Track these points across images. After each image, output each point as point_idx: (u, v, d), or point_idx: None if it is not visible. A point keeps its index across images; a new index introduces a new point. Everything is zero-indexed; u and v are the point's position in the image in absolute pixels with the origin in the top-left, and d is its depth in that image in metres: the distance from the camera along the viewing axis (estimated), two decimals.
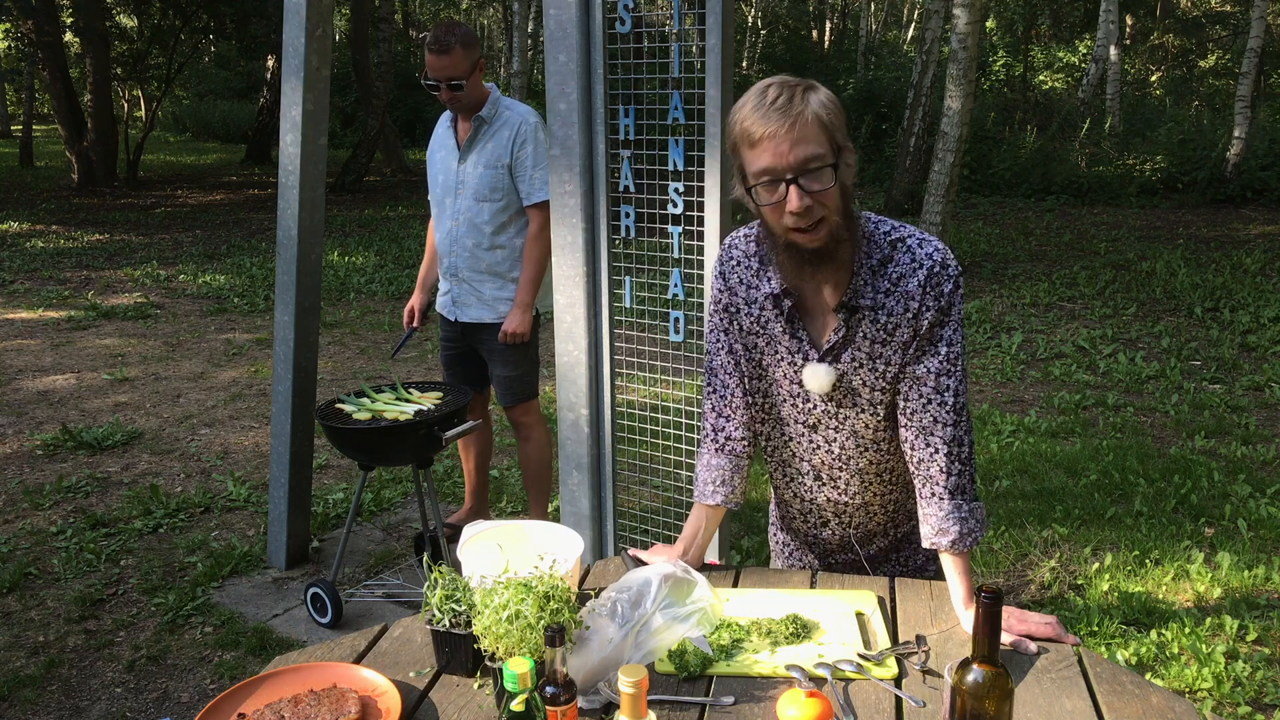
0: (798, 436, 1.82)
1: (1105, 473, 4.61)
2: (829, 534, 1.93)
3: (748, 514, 4.22)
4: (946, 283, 1.66)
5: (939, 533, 1.70)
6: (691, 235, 2.81)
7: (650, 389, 3.36)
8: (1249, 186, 12.87)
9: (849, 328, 1.69)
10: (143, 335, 7.44)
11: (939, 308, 1.66)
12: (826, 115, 1.55)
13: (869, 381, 1.71)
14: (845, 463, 1.81)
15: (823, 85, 1.59)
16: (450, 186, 3.60)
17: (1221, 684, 2.98)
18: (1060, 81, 21.00)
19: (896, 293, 1.66)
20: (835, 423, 1.77)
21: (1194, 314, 7.59)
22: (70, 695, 3.05)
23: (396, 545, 4.04)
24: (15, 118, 29.11)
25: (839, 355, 1.71)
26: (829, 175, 1.55)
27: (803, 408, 1.79)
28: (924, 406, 1.69)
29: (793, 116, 1.52)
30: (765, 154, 1.54)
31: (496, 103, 3.53)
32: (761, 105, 1.54)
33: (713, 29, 2.61)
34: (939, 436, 1.69)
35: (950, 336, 1.68)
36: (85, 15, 14.85)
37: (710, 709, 1.45)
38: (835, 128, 1.56)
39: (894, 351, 1.69)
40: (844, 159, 1.58)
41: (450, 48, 3.37)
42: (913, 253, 1.67)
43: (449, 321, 3.74)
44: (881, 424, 1.76)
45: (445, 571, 1.56)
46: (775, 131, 1.52)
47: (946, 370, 1.68)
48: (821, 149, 1.54)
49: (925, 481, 1.71)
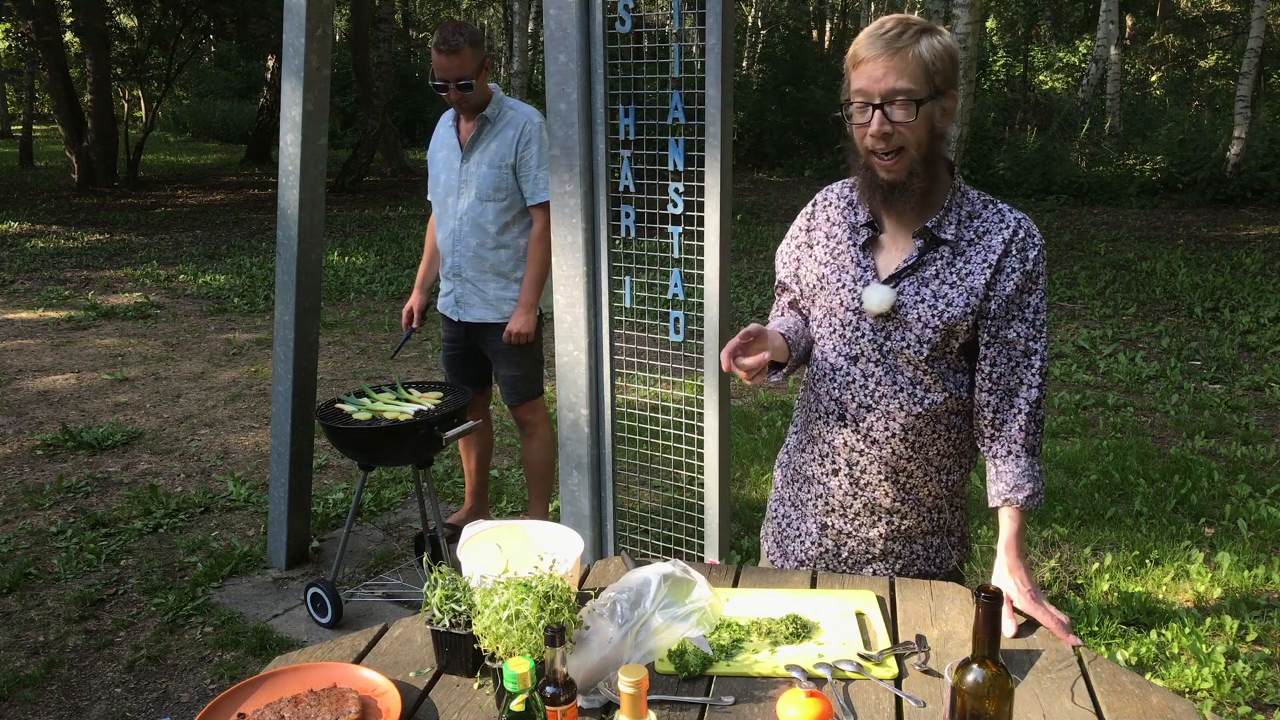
0: (835, 370, 1.84)
1: (1105, 473, 4.61)
2: (836, 485, 1.88)
3: (747, 514, 4.23)
4: (1033, 249, 1.75)
5: (1014, 489, 1.76)
6: (691, 235, 2.81)
7: (650, 389, 3.36)
8: (1249, 186, 12.87)
9: (921, 257, 1.76)
10: (143, 335, 7.44)
11: (1025, 272, 1.74)
12: (930, 56, 1.64)
13: (923, 317, 1.75)
14: (875, 401, 1.81)
15: (946, 32, 1.69)
16: (453, 186, 3.59)
17: (1221, 684, 2.98)
18: (1060, 81, 21.00)
19: (979, 244, 1.75)
20: (878, 355, 1.80)
21: (1194, 314, 7.59)
22: (70, 695, 3.05)
23: (396, 545, 4.04)
24: (15, 118, 29.11)
25: (902, 282, 1.77)
26: (914, 110, 1.65)
27: (850, 336, 1.82)
28: (1012, 370, 1.76)
29: (895, 49, 1.63)
30: (863, 76, 1.66)
31: (501, 102, 3.54)
32: (875, 32, 1.66)
33: (713, 29, 2.61)
34: (1024, 398, 1.76)
35: (1037, 304, 1.76)
36: (85, 15, 14.85)
37: (710, 709, 1.45)
38: (937, 71, 1.65)
39: (959, 294, 1.74)
40: (940, 102, 1.68)
41: (459, 48, 3.37)
42: (1003, 214, 1.77)
43: (451, 322, 3.74)
44: (923, 366, 1.77)
45: (445, 571, 1.56)
46: (875, 57, 1.64)
47: (1033, 335, 1.76)
48: (914, 85, 1.64)
49: (1005, 441, 1.78)
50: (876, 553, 1.91)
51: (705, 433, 2.96)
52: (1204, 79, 21.26)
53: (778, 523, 2.04)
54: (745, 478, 4.64)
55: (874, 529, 1.89)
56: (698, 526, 3.09)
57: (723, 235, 2.77)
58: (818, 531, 1.94)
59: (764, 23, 25.22)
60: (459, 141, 3.59)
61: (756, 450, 4.94)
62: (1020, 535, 1.76)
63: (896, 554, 1.90)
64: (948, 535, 1.91)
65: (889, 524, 1.88)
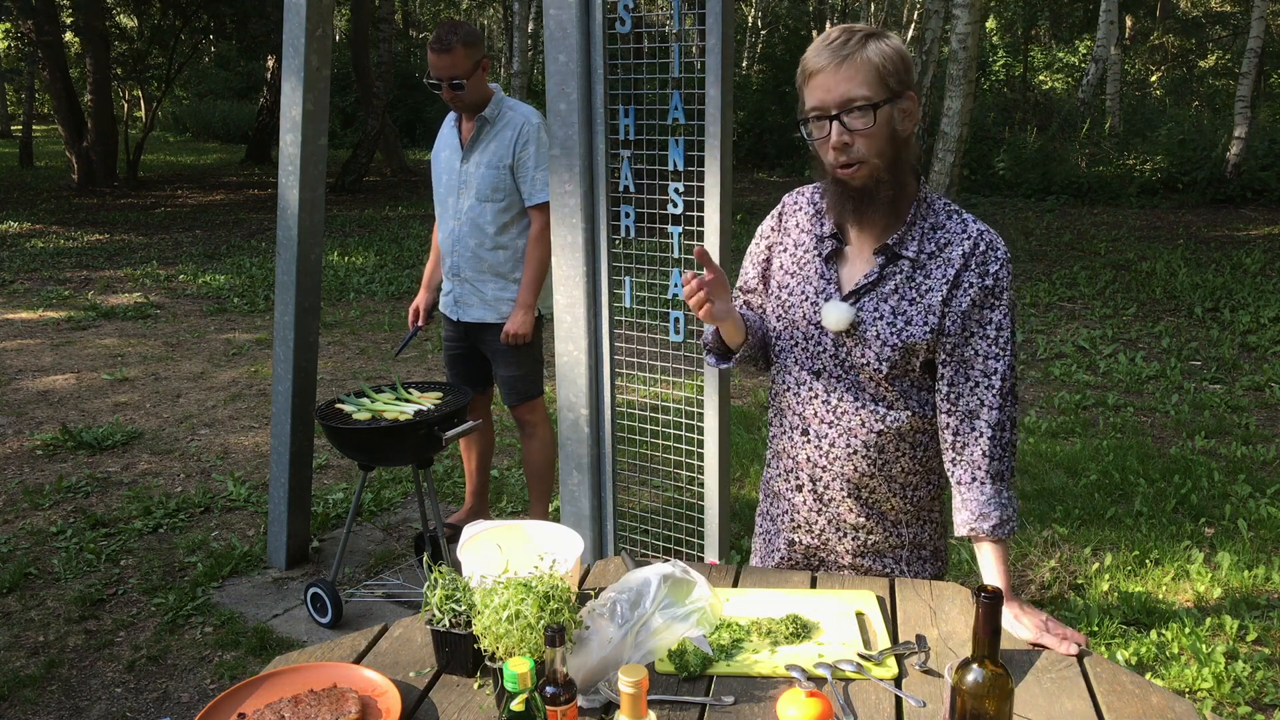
0: (799, 384, 1.82)
1: (1105, 473, 4.61)
2: (800, 500, 1.87)
3: (747, 514, 4.23)
4: (994, 262, 1.68)
5: (979, 518, 1.68)
6: (691, 235, 2.81)
7: (650, 389, 3.36)
8: (1249, 186, 12.87)
9: (882, 273, 1.72)
10: (143, 335, 7.44)
11: (984, 286, 1.68)
12: (879, 59, 1.61)
13: (882, 334, 1.71)
14: (837, 418, 1.78)
15: (894, 35, 1.66)
16: (454, 186, 3.60)
17: (1221, 684, 2.98)
18: (1060, 81, 21.01)
19: (940, 256, 1.70)
20: (840, 371, 1.76)
21: (1194, 314, 7.59)
22: (70, 695, 3.05)
23: (396, 545, 4.04)
24: (15, 118, 29.12)
25: (862, 299, 1.73)
26: (871, 116, 1.61)
27: (812, 350, 1.79)
28: (971, 390, 1.69)
29: (842, 56, 1.61)
30: (816, 89, 1.64)
31: (500, 103, 3.54)
32: (821, 44, 1.64)
33: (713, 29, 2.61)
34: (984, 420, 1.68)
35: (999, 320, 1.69)
36: (85, 15, 14.85)
37: (710, 709, 1.45)
38: (890, 74, 1.62)
39: (918, 312, 1.70)
40: (898, 105, 1.64)
41: (452, 46, 3.38)
42: (965, 226, 1.71)
43: (451, 321, 3.74)
44: (883, 384, 1.74)
45: (445, 571, 1.56)
46: (824, 68, 1.62)
47: (995, 354, 1.68)
48: (868, 91, 1.61)
49: (967, 466, 1.70)
50: (845, 565, 1.89)
51: (705, 433, 2.96)
52: (1204, 79, 21.27)
53: (759, 536, 2.04)
54: (745, 478, 4.64)
55: (840, 544, 1.88)
56: (698, 526, 3.09)
57: (723, 235, 2.77)
58: (785, 547, 1.94)
59: (764, 23, 25.23)
60: (460, 142, 3.60)
61: (756, 450, 4.94)
62: (1002, 569, 1.68)
63: (866, 569, 1.88)
64: (918, 550, 1.87)
65: (855, 539, 1.86)
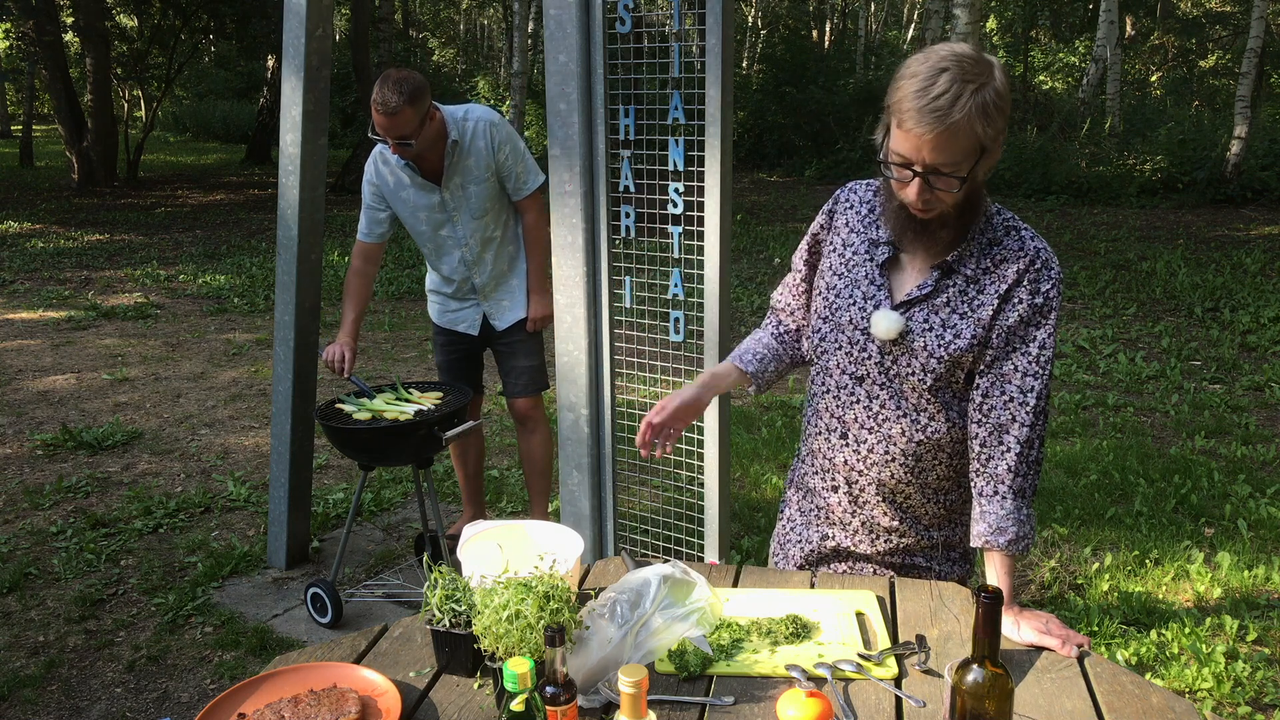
0: (839, 389, 1.81)
1: (1105, 473, 4.61)
2: (835, 501, 1.88)
3: (747, 514, 4.23)
4: (1047, 281, 1.67)
5: (996, 531, 1.68)
6: (691, 235, 2.81)
7: (650, 389, 3.36)
8: (1249, 186, 12.87)
9: (936, 286, 1.71)
10: (143, 335, 7.44)
11: (1034, 304, 1.67)
12: (984, 125, 1.53)
13: (929, 346, 1.70)
14: (878, 424, 1.78)
15: (999, 72, 1.55)
16: (439, 220, 3.47)
17: (1221, 684, 2.98)
18: (1060, 81, 21.01)
19: (995, 273, 1.68)
20: (884, 379, 1.76)
21: (1194, 314, 7.59)
22: (70, 695, 3.05)
23: (396, 545, 4.04)
24: (15, 118, 29.11)
25: (912, 309, 1.72)
26: (958, 184, 1.57)
27: (857, 356, 1.78)
28: (1005, 404, 1.68)
29: (946, 125, 1.51)
30: (908, 141, 1.55)
31: (457, 122, 3.35)
32: (924, 96, 1.51)
33: (713, 29, 2.61)
34: (1014, 435, 1.68)
35: (1043, 339, 1.68)
36: (85, 15, 14.86)
37: (710, 709, 1.45)
38: (987, 136, 1.55)
39: (968, 326, 1.69)
40: (985, 160, 1.58)
41: (398, 110, 3.12)
42: (1023, 242, 1.69)
43: (460, 334, 3.67)
44: (926, 395, 1.74)
45: (445, 571, 1.56)
46: (923, 132, 1.52)
47: (1034, 371, 1.67)
48: (960, 158, 1.55)
49: (990, 479, 1.70)
50: (876, 563, 1.92)
51: (705, 433, 2.96)
52: (1204, 79, 21.27)
53: (783, 525, 2.06)
54: (745, 478, 4.64)
55: (873, 545, 1.90)
56: (698, 526, 3.10)
57: (723, 235, 2.77)
58: (818, 540, 1.96)
59: (764, 23, 25.24)
60: (420, 176, 3.39)
61: (756, 450, 4.94)
62: (1007, 580, 1.68)
63: (896, 566, 1.91)
64: (948, 551, 1.90)
65: (888, 541, 1.88)
